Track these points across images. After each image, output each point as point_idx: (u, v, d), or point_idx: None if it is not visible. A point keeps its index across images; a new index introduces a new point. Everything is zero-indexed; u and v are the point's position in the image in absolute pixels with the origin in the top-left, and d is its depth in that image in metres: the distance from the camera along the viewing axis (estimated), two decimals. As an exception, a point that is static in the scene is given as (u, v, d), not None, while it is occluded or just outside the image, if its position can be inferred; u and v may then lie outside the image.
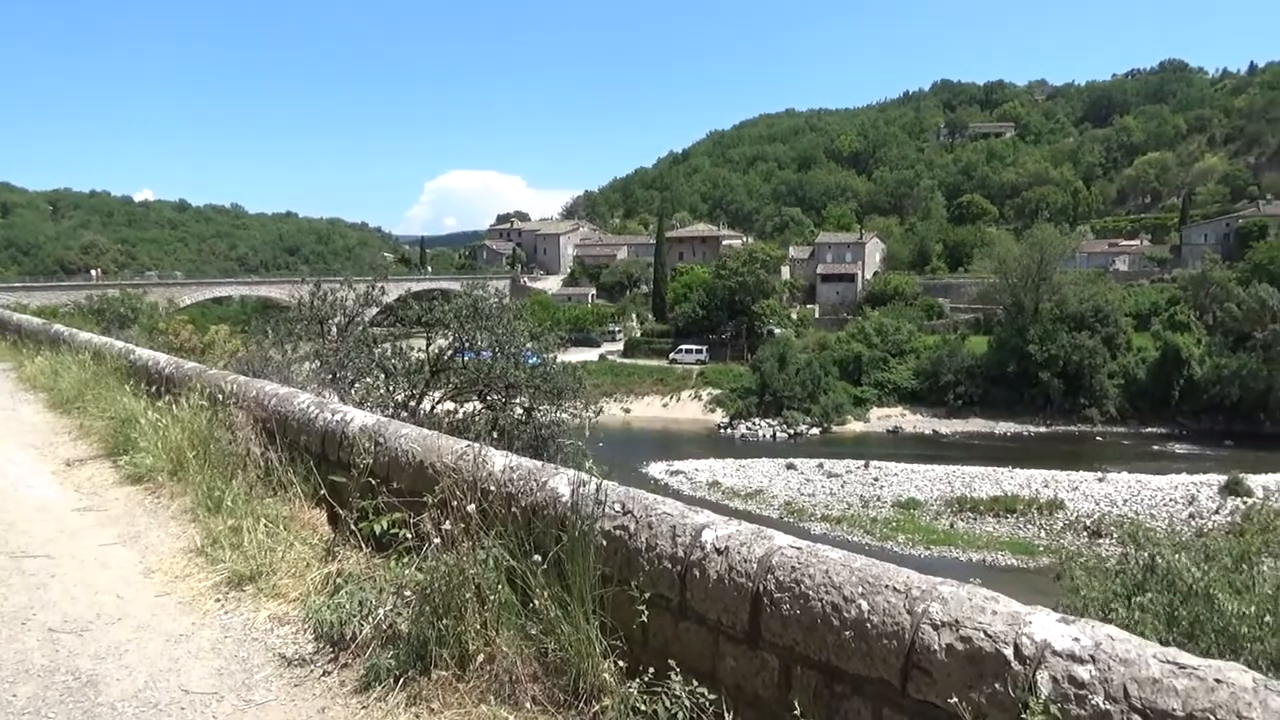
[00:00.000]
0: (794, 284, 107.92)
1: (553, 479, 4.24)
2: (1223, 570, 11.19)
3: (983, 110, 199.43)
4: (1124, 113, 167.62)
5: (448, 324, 20.92)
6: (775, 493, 54.72)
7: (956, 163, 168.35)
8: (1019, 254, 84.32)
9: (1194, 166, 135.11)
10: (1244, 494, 48.18)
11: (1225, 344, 74.32)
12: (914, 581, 2.99)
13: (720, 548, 3.46)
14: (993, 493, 51.86)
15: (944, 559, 41.94)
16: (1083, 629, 2.62)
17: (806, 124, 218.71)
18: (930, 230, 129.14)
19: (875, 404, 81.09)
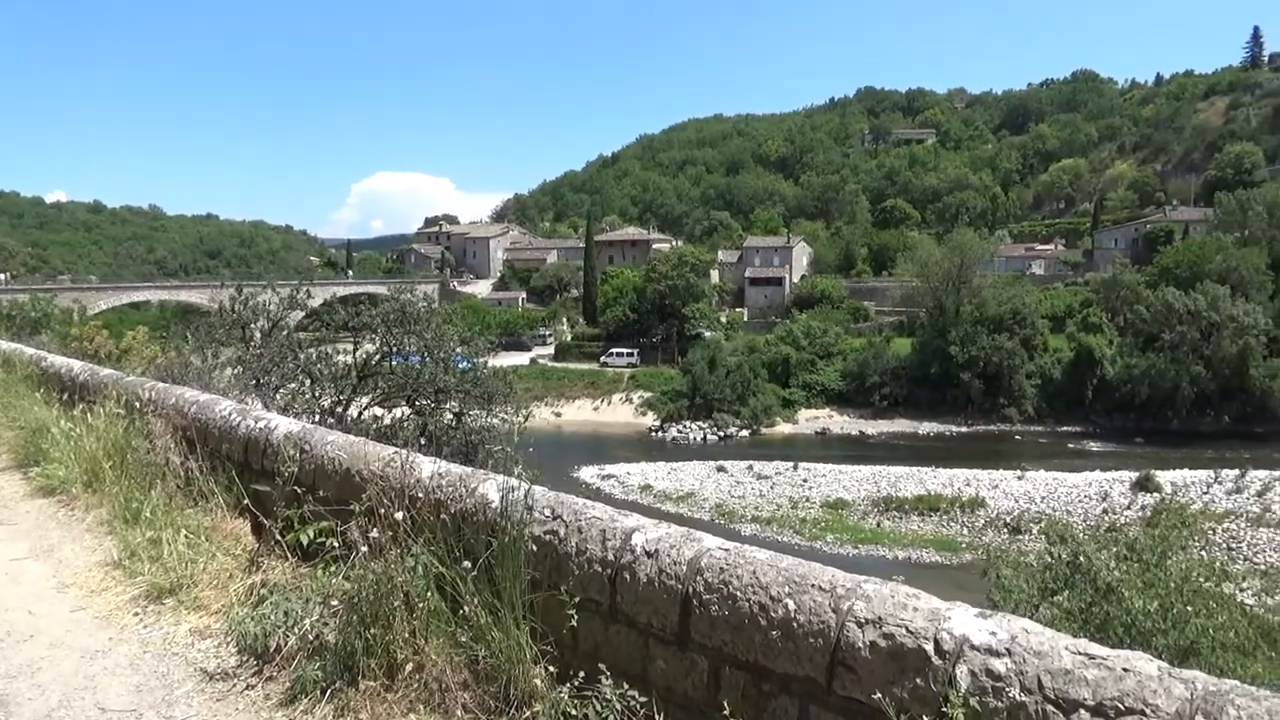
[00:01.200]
0: (723, 287, 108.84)
1: (482, 485, 4.22)
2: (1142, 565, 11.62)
3: (905, 117, 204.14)
4: (1039, 121, 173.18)
5: (375, 328, 20.63)
6: (706, 495, 55.09)
7: (880, 168, 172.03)
8: (940, 258, 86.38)
9: (1105, 173, 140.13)
10: (1154, 490, 50.07)
11: (1135, 345, 77.18)
12: (839, 580, 3.05)
13: (650, 551, 3.49)
14: (917, 492, 52.97)
15: (871, 557, 42.70)
16: (999, 623, 2.71)
17: (734, 129, 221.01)
18: (855, 234, 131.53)
19: (804, 406, 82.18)
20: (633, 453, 69.07)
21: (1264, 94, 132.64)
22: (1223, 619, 13.26)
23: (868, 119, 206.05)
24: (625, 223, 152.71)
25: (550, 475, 7.13)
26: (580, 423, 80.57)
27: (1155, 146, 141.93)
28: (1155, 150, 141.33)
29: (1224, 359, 72.33)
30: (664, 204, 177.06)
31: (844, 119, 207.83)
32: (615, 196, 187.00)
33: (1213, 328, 72.69)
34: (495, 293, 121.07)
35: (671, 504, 53.05)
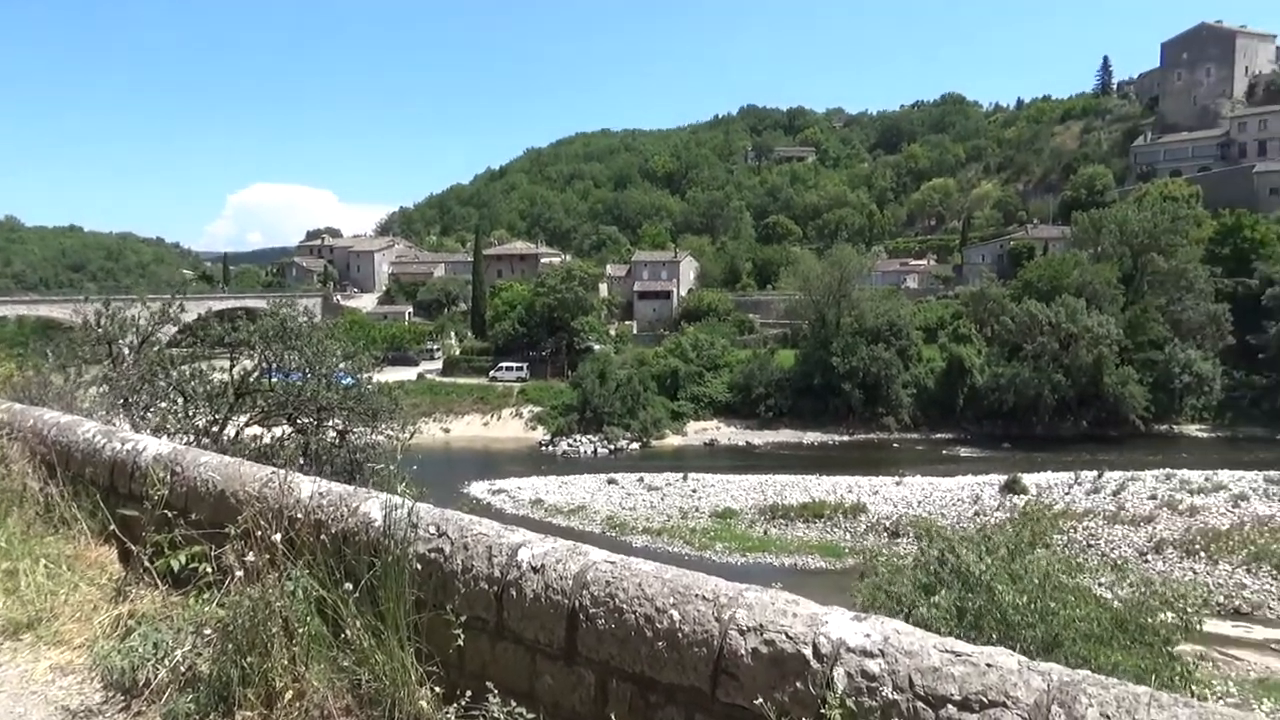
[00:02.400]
0: (612, 301, 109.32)
1: (365, 504, 4.14)
2: (1002, 561, 12.21)
3: (786, 135, 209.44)
4: (911, 141, 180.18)
5: (253, 344, 19.93)
6: (597, 508, 55.09)
7: (763, 185, 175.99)
8: (821, 272, 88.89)
9: (972, 192, 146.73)
10: (1021, 492, 52.58)
11: (1002, 354, 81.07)
12: (722, 589, 3.12)
13: (536, 566, 3.49)
14: (802, 499, 54.16)
15: (759, 565, 43.42)
16: (873, 625, 2.82)
17: (622, 144, 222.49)
18: (740, 249, 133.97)
19: (692, 417, 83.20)
20: (523, 467, 68.56)
21: (1113, 119, 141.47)
22: (1083, 611, 14.06)
23: (750, 136, 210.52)
24: (514, 237, 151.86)
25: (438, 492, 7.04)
26: (469, 438, 79.54)
27: (1017, 167, 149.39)
28: (1017, 171, 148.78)
29: (1081, 367, 76.64)
30: (552, 218, 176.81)
31: (728, 136, 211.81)
32: (503, 210, 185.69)
33: (1071, 338, 76.96)
34: (381, 307, 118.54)
35: (563, 518, 52.83)
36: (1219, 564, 40.70)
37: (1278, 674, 29.65)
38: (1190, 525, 45.19)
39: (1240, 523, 45.08)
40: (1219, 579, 39.28)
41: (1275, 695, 27.43)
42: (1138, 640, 14.91)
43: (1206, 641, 26.41)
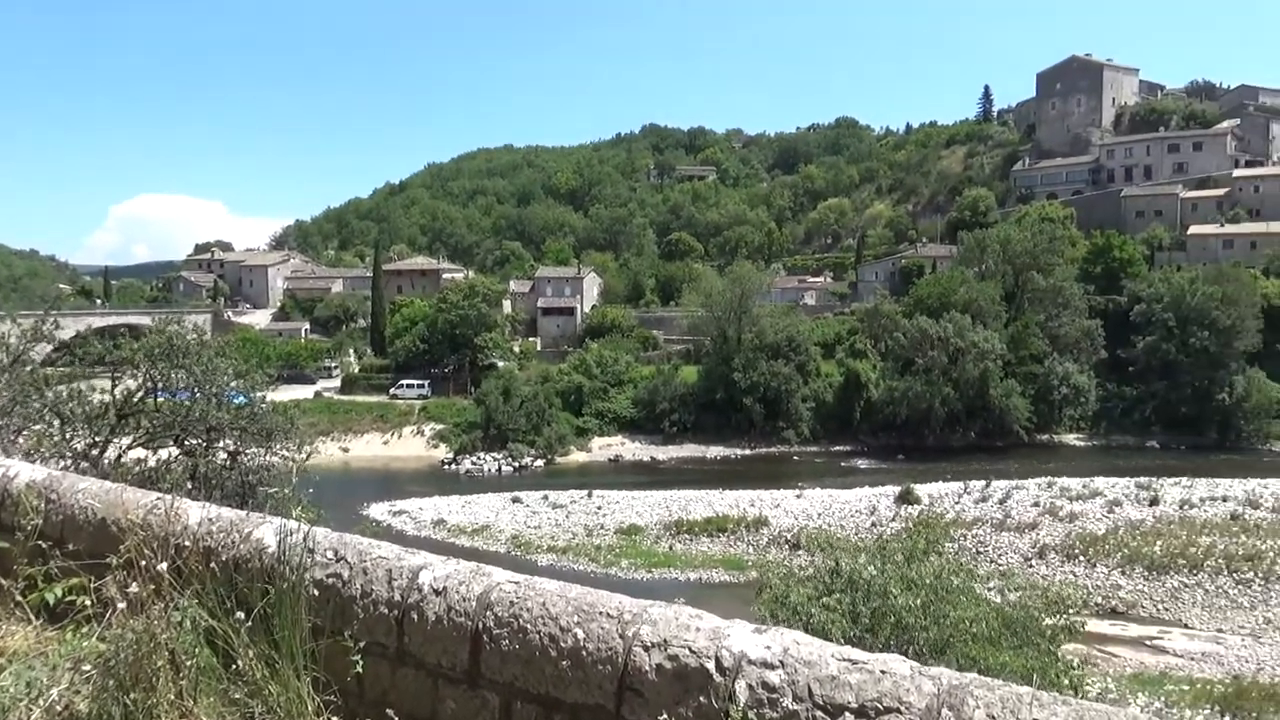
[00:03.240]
0: (515, 317, 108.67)
1: (257, 529, 4.01)
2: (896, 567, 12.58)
3: (688, 154, 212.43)
4: (808, 162, 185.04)
5: (137, 363, 19.09)
6: (502, 527, 54.49)
7: (666, 202, 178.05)
8: (722, 288, 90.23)
9: (865, 212, 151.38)
10: (914, 502, 54.22)
11: (895, 369, 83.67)
12: (626, 606, 3.13)
13: (438, 589, 3.44)
14: (706, 514, 54.62)
15: (664, 580, 43.59)
16: (773, 637, 2.88)
17: (525, 160, 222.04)
18: (643, 265, 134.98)
19: (597, 433, 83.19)
20: (425, 487, 67.30)
21: (994, 145, 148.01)
22: (974, 613, 14.58)
23: (653, 155, 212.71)
24: (414, 252, 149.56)
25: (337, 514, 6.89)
26: (369, 458, 77.80)
27: (907, 189, 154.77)
28: (907, 192, 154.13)
29: (969, 381, 79.68)
30: (454, 233, 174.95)
31: (630, 154, 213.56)
32: (404, 225, 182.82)
33: (959, 353, 79.98)
34: (275, 323, 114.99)
35: (466, 538, 52.08)
36: (1097, 566, 42.73)
37: (1151, 669, 31.23)
38: (1070, 530, 47.33)
39: (1115, 527, 47.45)
40: (1097, 581, 41.25)
41: (1149, 689, 28.90)
42: (1025, 641, 15.54)
43: (1087, 640, 27.67)
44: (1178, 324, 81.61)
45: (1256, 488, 55.62)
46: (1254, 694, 27.62)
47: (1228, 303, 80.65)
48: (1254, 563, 41.01)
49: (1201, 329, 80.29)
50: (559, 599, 3.22)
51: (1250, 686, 28.29)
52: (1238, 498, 52.79)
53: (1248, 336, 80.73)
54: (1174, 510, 50.58)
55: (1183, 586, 40.20)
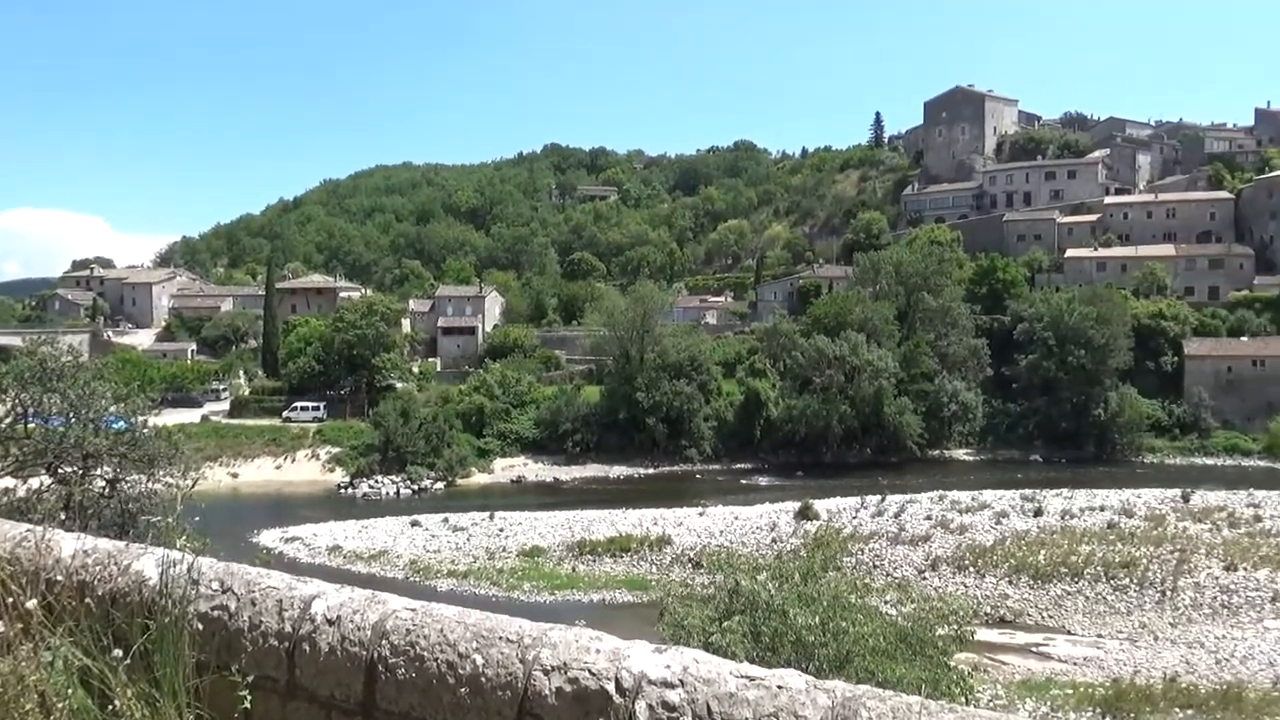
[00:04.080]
0: (415, 337, 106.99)
1: (137, 560, 3.83)
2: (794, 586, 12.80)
3: (590, 174, 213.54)
4: (708, 183, 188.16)
5: (5, 387, 18.06)
6: (400, 552, 53.27)
7: (568, 222, 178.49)
8: (625, 308, 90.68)
9: (764, 233, 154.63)
10: (813, 518, 55.26)
11: (794, 387, 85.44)
12: (526, 630, 3.10)
13: (331, 618, 3.35)
14: (609, 534, 54.53)
15: (567, 602, 43.30)
16: (673, 656, 2.89)
17: (424, 178, 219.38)
18: (545, 285, 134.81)
19: (499, 455, 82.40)
20: (320, 512, 65.34)
21: (886, 170, 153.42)
22: (870, 628, 14.93)
23: (555, 174, 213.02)
24: (310, 270, 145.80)
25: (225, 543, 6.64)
26: (261, 483, 75.27)
27: (804, 211, 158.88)
28: (804, 214, 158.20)
29: (864, 398, 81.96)
30: (351, 251, 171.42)
31: (532, 173, 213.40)
32: (298, 243, 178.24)
33: (855, 371, 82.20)
34: (160, 344, 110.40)
35: (363, 564, 50.75)
36: (986, 577, 44.29)
37: (1037, 675, 32.48)
38: (961, 543, 48.97)
39: (1002, 538, 49.31)
40: (986, 591, 42.75)
41: (1035, 694, 30.06)
42: (919, 653, 15.98)
43: (977, 649, 28.63)
44: (1057, 343, 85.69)
45: (1130, 498, 58.75)
46: (1132, 695, 29.00)
47: (1102, 322, 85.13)
48: (1129, 569, 43.14)
49: (1078, 347, 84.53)
50: (457, 625, 3.16)
51: (1128, 689, 29.68)
52: (1114, 507, 55.57)
53: (1120, 355, 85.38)
54: (1056, 521, 52.88)
55: (1065, 594, 41.98)
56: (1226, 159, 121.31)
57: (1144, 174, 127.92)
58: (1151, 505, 56.13)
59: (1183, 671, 32.19)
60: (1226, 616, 38.70)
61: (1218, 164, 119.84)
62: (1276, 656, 33.66)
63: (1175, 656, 34.35)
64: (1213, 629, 37.35)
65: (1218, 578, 41.95)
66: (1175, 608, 40.01)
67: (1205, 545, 46.00)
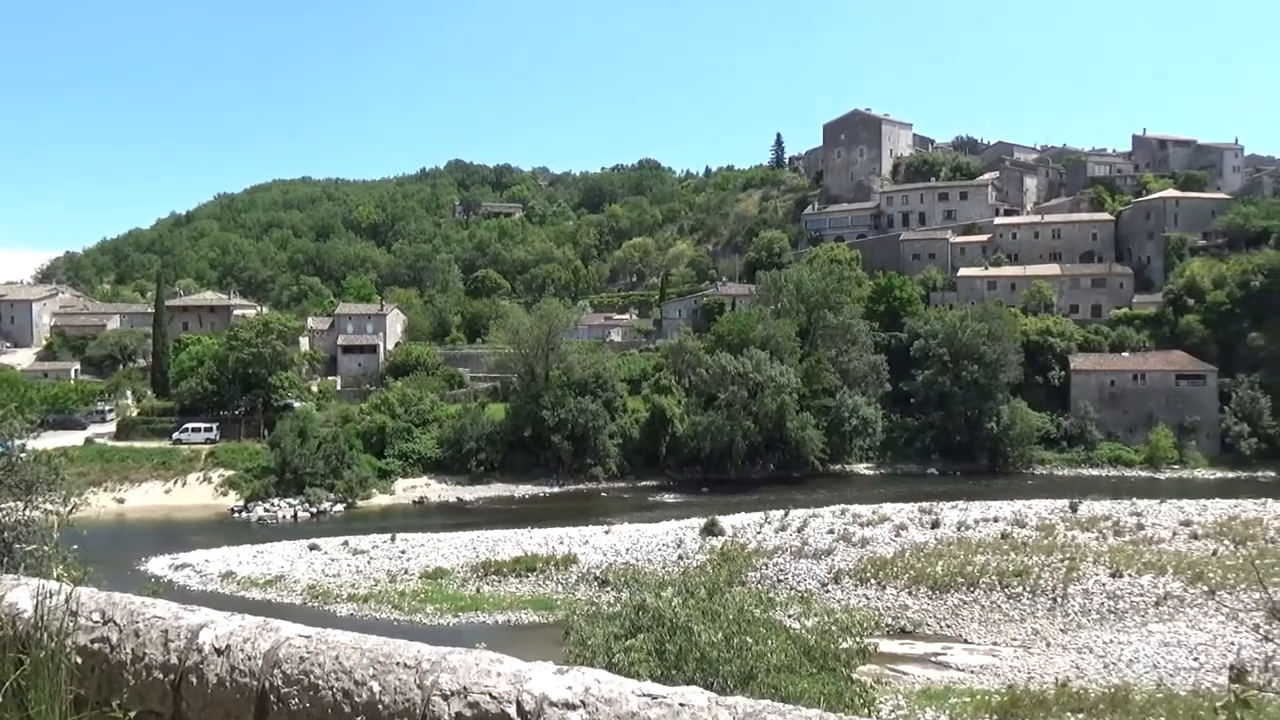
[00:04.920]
0: (314, 355, 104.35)
1: (11, 592, 3.64)
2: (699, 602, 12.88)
3: (494, 191, 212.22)
4: (613, 201, 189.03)
5: None
6: (298, 577, 51.65)
7: (472, 239, 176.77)
8: (530, 325, 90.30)
9: (669, 251, 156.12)
10: (718, 534, 55.79)
11: (699, 404, 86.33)
12: (425, 654, 3.05)
13: (220, 647, 3.23)
14: (515, 554, 53.99)
15: (472, 624, 42.65)
16: (575, 677, 2.88)
17: (324, 193, 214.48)
18: (449, 302, 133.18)
19: (401, 475, 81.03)
20: (213, 537, 62.89)
21: (786, 190, 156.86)
22: (775, 643, 15.12)
23: (458, 191, 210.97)
24: (203, 287, 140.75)
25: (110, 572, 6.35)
26: (149, 508, 72.24)
27: (707, 229, 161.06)
28: (708, 233, 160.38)
29: (767, 414, 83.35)
30: (247, 268, 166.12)
31: (435, 189, 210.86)
32: (191, 258, 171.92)
33: (758, 387, 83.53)
34: (40, 363, 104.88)
35: (259, 590, 49.03)
36: (886, 589, 45.38)
37: (936, 684, 33.38)
38: (862, 556, 50.10)
39: (902, 550, 50.65)
40: (887, 602, 43.80)
41: (935, 703, 30.89)
42: (823, 667, 16.24)
43: (879, 660, 29.28)
44: (951, 359, 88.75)
45: (1022, 508, 61.16)
46: (1026, 701, 30.05)
47: (993, 339, 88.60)
48: (1022, 578, 44.79)
49: (972, 363, 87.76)
50: (353, 651, 3.09)
51: (1023, 695, 30.74)
52: (1007, 518, 57.74)
53: (1010, 370, 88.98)
54: (953, 532, 54.62)
55: (962, 603, 43.30)
56: (1107, 182, 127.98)
57: (1031, 196, 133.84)
58: (1042, 515, 58.50)
59: (1073, 676, 33.48)
60: (1113, 621, 40.47)
61: (1099, 187, 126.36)
62: (1160, 659, 35.32)
63: (1066, 661, 35.74)
64: (1101, 634, 38.98)
65: (1105, 584, 43.87)
66: (1066, 614, 41.65)
67: (1093, 553, 48.13)
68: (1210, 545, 49.79)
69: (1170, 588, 42.87)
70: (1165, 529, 54.06)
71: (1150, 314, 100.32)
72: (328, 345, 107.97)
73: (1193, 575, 43.77)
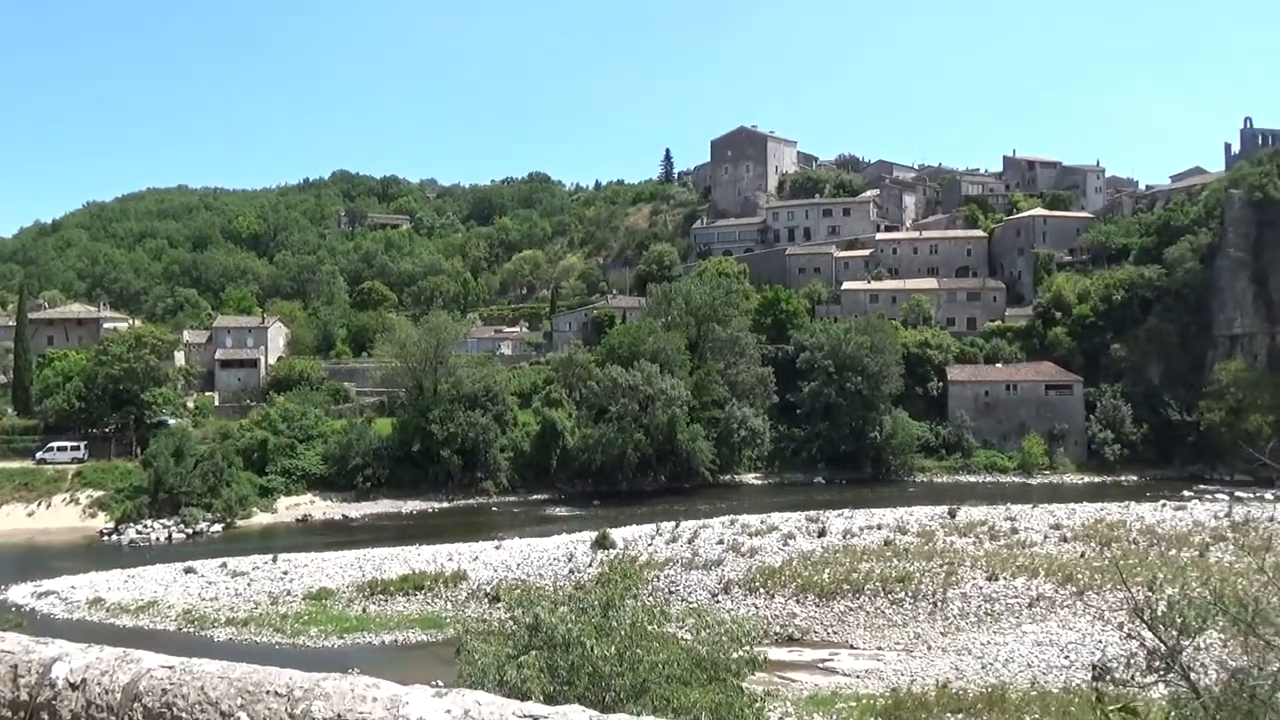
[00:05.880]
0: (190, 370, 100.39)
1: None
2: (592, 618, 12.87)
3: (380, 202, 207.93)
4: (502, 214, 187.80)
5: None
6: (172, 602, 49.27)
7: (357, 250, 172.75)
8: (418, 339, 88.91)
9: (559, 264, 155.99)
10: (610, 547, 55.77)
11: (590, 417, 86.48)
12: (297, 682, 2.95)
13: (76, 682, 3.06)
14: (402, 572, 52.84)
15: (357, 646, 41.48)
16: (454, 700, 2.83)
17: (201, 202, 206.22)
18: (334, 315, 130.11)
19: (283, 493, 78.89)
20: (80, 562, 59.54)
21: (676, 204, 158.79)
22: (666, 655, 15.21)
23: (343, 201, 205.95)
24: (70, 299, 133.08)
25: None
26: (9, 532, 68.53)
27: (598, 242, 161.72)
28: (598, 246, 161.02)
29: (658, 426, 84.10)
30: (119, 279, 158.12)
31: (319, 200, 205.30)
32: (57, 269, 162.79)
33: (649, 400, 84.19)
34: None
35: (129, 617, 46.62)
36: (775, 597, 46.18)
37: (824, 690, 34.11)
38: (751, 565, 50.86)
39: (790, 559, 51.67)
40: (776, 611, 44.56)
41: (822, 709, 31.56)
42: (714, 678, 16.40)
43: (769, 669, 29.73)
44: (836, 370, 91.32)
45: (904, 515, 63.24)
46: (909, 704, 30.97)
47: (876, 351, 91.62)
48: (904, 583, 46.23)
49: (856, 374, 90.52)
50: (220, 681, 2.98)
51: (906, 697, 31.67)
52: (890, 525, 59.59)
53: (892, 380, 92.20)
54: (839, 540, 56.02)
55: (848, 610, 44.40)
56: (980, 201, 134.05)
57: (910, 213, 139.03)
58: (923, 522, 60.59)
59: (953, 677, 34.68)
60: (990, 623, 42.12)
61: (973, 205, 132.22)
62: (1033, 658, 36.91)
63: (946, 663, 37.00)
64: (978, 635, 40.52)
65: (982, 587, 45.65)
66: (945, 617, 43.15)
67: (970, 558, 50.06)
68: (1079, 547, 52.37)
69: (1042, 589, 44.87)
70: (1037, 533, 56.63)
71: (1021, 326, 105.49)
72: (205, 359, 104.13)
73: (1063, 577, 45.93)
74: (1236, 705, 7.53)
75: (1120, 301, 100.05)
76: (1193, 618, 8.57)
